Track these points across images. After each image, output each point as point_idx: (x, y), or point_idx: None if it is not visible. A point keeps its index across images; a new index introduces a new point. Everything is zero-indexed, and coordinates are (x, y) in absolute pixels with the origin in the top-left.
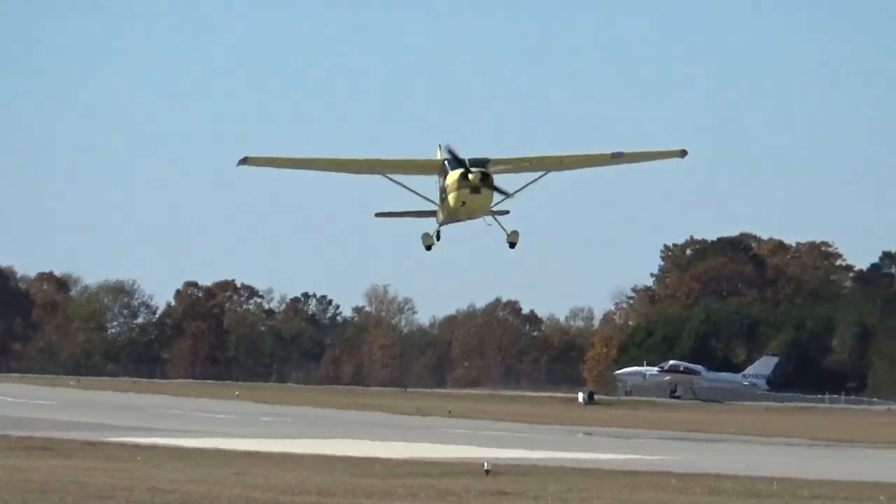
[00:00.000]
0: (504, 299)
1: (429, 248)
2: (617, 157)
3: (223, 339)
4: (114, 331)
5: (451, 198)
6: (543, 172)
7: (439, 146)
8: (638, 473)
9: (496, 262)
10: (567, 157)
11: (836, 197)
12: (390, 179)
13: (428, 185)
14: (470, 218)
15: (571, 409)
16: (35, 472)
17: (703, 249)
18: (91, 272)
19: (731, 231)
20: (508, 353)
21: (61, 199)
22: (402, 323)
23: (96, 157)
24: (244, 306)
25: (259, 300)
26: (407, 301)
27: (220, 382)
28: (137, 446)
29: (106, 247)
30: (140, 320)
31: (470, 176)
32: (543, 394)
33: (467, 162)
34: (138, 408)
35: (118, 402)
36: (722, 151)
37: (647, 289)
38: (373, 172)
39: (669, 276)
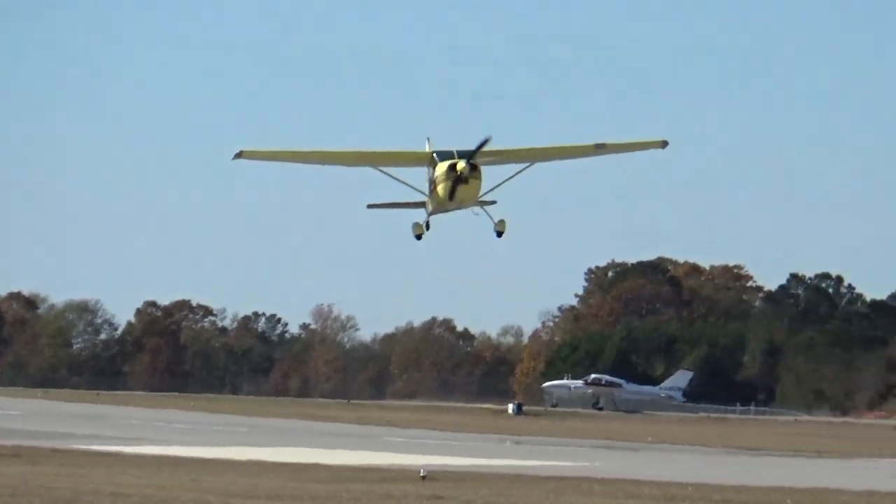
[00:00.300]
0: (440, 317)
1: (419, 237)
2: (600, 148)
3: (180, 354)
4: (78, 346)
5: (439, 188)
6: (528, 164)
7: (427, 139)
8: (563, 479)
9: (433, 283)
10: (551, 148)
11: (747, 222)
12: (382, 172)
13: (418, 176)
14: (458, 208)
15: (501, 420)
16: (5, 477)
17: (623, 272)
18: (57, 292)
19: (650, 255)
20: (443, 368)
21: (30, 224)
22: (345, 339)
23: (61, 184)
24: (199, 324)
25: (213, 318)
26: (350, 319)
27: (177, 394)
28: (100, 453)
29: (71, 268)
30: (103, 337)
31: (458, 166)
32: (476, 405)
33: (455, 153)
34: (101, 418)
35: (83, 413)
36: (640, 179)
37: (572, 308)
38: (364, 165)
39: (593, 296)
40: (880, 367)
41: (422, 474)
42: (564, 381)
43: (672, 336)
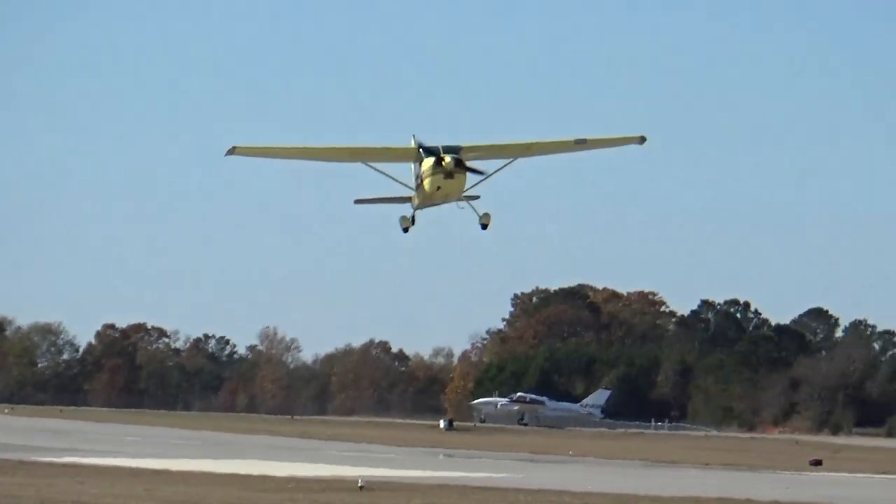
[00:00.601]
0: (377, 339)
1: (406, 230)
2: (580, 144)
3: (136, 373)
4: (43, 365)
5: (426, 183)
6: (512, 159)
7: (413, 136)
8: (490, 489)
9: (370, 306)
10: (534, 143)
11: (661, 251)
12: (370, 167)
13: (401, 171)
14: (444, 202)
15: (434, 434)
16: None
17: (547, 298)
18: (23, 315)
19: (571, 282)
20: (380, 386)
21: None
22: (290, 359)
23: (27, 214)
24: (154, 345)
25: (167, 340)
26: (293, 340)
27: (134, 410)
28: (63, 465)
29: (36, 292)
30: (65, 357)
31: (444, 161)
32: (410, 421)
33: (441, 148)
34: (64, 432)
35: (47, 427)
36: (559, 211)
37: (499, 331)
38: (353, 160)
39: (518, 320)
40: (784, 386)
41: (360, 484)
42: (492, 399)
43: (591, 357)
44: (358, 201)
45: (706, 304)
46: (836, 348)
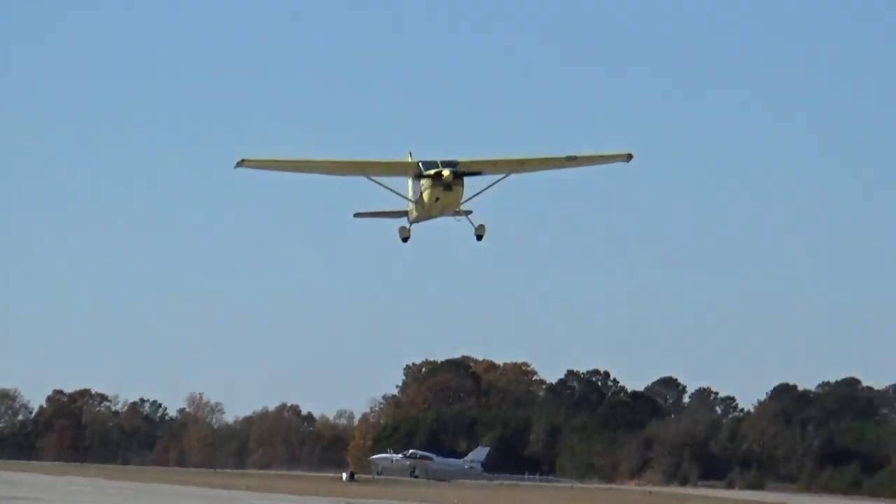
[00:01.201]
0: (288, 403)
1: (405, 240)
2: (571, 160)
3: (82, 432)
4: (1, 426)
5: (425, 195)
6: (505, 174)
7: (409, 153)
8: None
9: (284, 374)
10: (526, 160)
11: (533, 327)
12: (372, 180)
13: (398, 185)
14: (441, 214)
15: (337, 486)
16: None
17: (434, 368)
18: None
19: (455, 354)
20: (291, 443)
21: None
22: (214, 421)
23: None
24: (97, 408)
25: (108, 403)
26: (217, 404)
27: (79, 464)
28: None
29: None
30: (20, 418)
31: (443, 175)
32: (317, 474)
33: (439, 163)
34: (20, 483)
35: (3, 479)
36: (443, 291)
37: (394, 396)
38: (356, 174)
39: (410, 387)
40: (639, 444)
41: None
42: (388, 455)
43: (473, 419)
44: (357, 215)
45: (571, 374)
46: (683, 412)
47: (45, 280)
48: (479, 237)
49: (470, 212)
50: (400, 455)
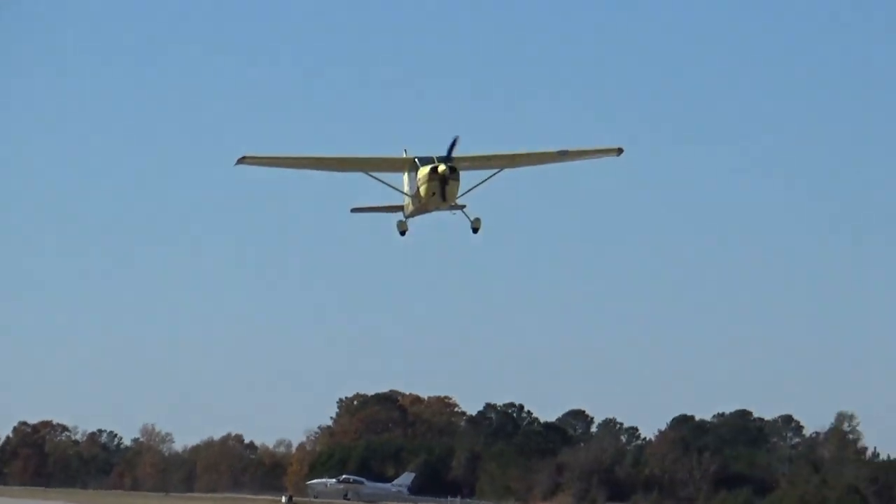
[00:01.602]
0: (233, 433)
1: (403, 233)
2: (562, 155)
3: (45, 460)
4: None
5: (422, 189)
6: (498, 170)
7: (404, 150)
8: None
9: (229, 405)
10: (519, 154)
11: (454, 362)
12: (371, 176)
13: (394, 182)
14: (437, 208)
15: None
16: None
17: (365, 401)
18: None
19: (384, 388)
20: (235, 469)
21: None
22: (165, 449)
23: None
24: (59, 438)
25: (69, 434)
26: (168, 434)
27: (43, 489)
28: None
29: None
30: None
31: (439, 169)
32: (259, 497)
33: (435, 158)
34: None
35: None
36: (373, 329)
37: (328, 427)
38: (354, 170)
39: (342, 418)
40: (551, 470)
41: None
42: (323, 480)
43: (400, 447)
44: (354, 210)
45: (489, 406)
46: (591, 440)
47: (7, 321)
48: (475, 230)
49: (464, 206)
50: (334, 480)
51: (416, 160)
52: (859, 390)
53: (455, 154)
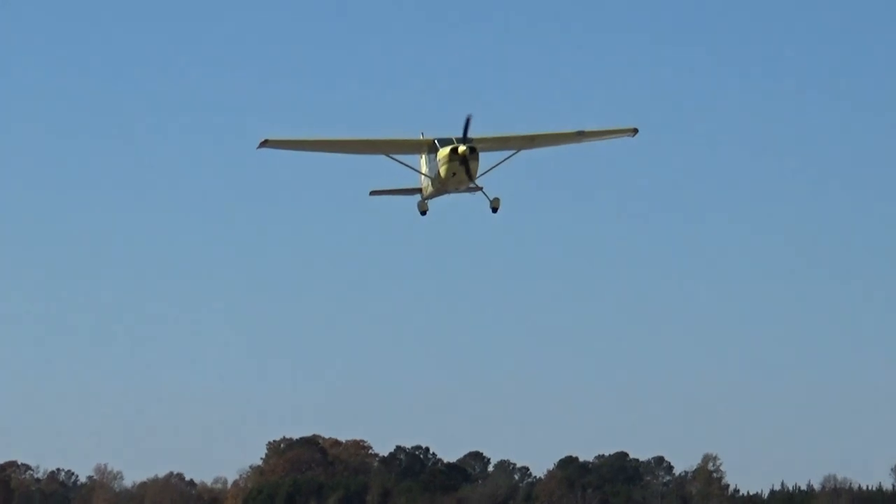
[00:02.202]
0: (175, 471)
1: (423, 213)
2: (580, 136)
3: (10, 496)
4: None
5: (442, 170)
6: (516, 150)
7: (421, 133)
8: None
9: (173, 443)
10: (537, 135)
11: (371, 406)
12: (392, 159)
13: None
14: (456, 189)
15: None
16: None
17: (291, 444)
18: None
19: (308, 432)
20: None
21: None
22: (116, 486)
23: None
24: (22, 476)
25: (31, 472)
26: (119, 472)
27: None
28: None
29: None
30: None
31: (460, 149)
32: None
33: (455, 139)
34: None
35: None
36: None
37: (258, 466)
38: (374, 152)
39: (272, 458)
40: None
41: None
42: None
43: (321, 484)
44: (373, 193)
45: (399, 448)
46: (488, 478)
47: None
48: (495, 210)
49: (482, 187)
50: None
51: (436, 141)
52: (723, 434)
53: (472, 134)
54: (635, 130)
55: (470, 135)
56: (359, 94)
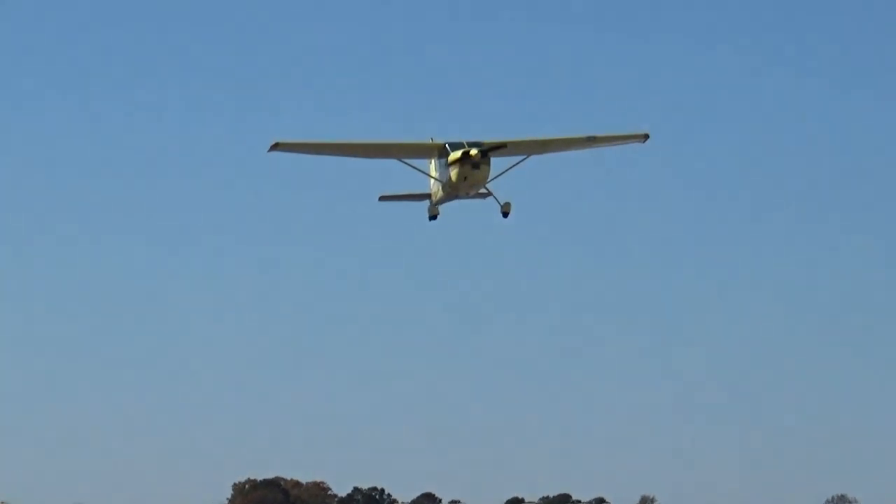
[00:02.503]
0: None
1: (433, 217)
2: (591, 141)
3: None
4: None
5: (453, 174)
6: (526, 156)
7: (431, 138)
8: None
9: (145, 482)
10: (549, 140)
11: (329, 451)
12: (404, 163)
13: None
14: (467, 194)
15: None
16: None
17: (255, 485)
18: None
19: (271, 474)
20: None
21: None
22: None
23: None
24: None
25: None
26: None
27: None
28: None
29: None
30: None
31: (471, 153)
32: None
33: (465, 143)
34: None
35: None
36: (260, 418)
37: None
38: (385, 156)
39: (237, 498)
40: None
41: None
42: None
43: None
44: (383, 198)
45: (357, 490)
46: None
47: None
48: (506, 214)
49: (492, 192)
50: None
51: (447, 145)
52: (660, 475)
53: (485, 141)
54: (646, 136)
55: (480, 140)
56: (370, 99)
